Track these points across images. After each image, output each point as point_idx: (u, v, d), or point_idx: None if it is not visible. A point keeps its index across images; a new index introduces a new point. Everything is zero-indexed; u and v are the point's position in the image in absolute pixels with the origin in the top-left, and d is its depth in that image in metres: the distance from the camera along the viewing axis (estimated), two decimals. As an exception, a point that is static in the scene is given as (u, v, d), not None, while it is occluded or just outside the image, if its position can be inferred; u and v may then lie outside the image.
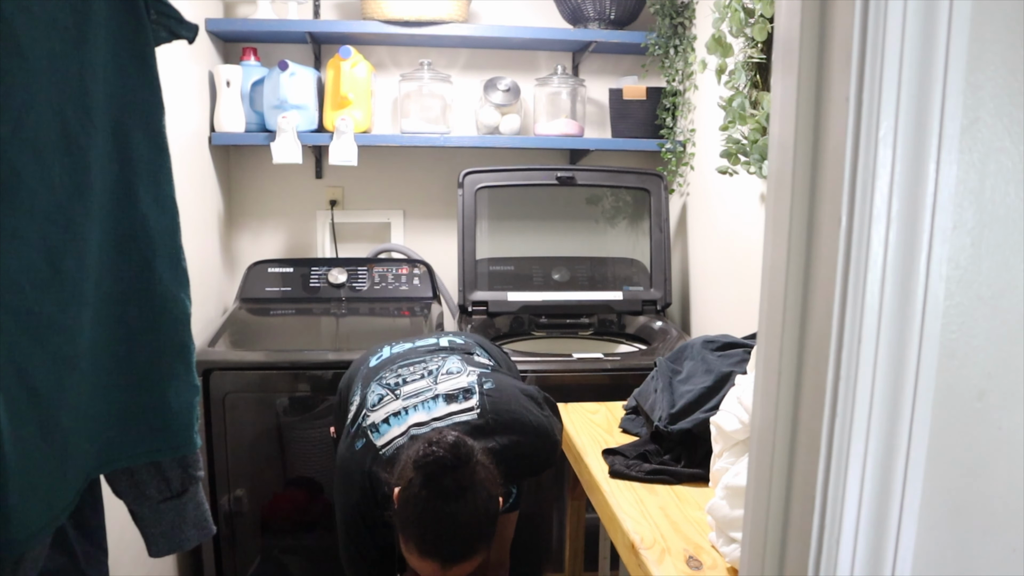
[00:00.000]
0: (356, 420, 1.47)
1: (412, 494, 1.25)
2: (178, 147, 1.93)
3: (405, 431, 1.39)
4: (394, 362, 1.56)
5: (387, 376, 1.52)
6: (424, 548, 1.25)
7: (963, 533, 0.65)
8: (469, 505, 1.25)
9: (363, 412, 1.46)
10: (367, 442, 1.41)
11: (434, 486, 1.24)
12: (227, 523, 2.04)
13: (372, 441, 1.41)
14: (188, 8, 1.51)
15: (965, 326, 0.62)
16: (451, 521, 1.24)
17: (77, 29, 0.89)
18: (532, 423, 1.46)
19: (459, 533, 1.25)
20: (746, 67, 1.81)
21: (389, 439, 1.40)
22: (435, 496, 1.24)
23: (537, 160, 2.67)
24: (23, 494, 0.83)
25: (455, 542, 1.25)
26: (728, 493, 1.11)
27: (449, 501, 1.24)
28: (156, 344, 1.03)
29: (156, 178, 1.02)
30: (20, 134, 0.82)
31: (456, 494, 1.24)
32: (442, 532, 1.24)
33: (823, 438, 0.61)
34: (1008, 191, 0.61)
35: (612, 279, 2.53)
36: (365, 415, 1.45)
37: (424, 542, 1.25)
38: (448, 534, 1.25)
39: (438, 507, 1.24)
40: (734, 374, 1.41)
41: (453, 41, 2.53)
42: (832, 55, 0.60)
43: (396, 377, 1.51)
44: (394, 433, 1.40)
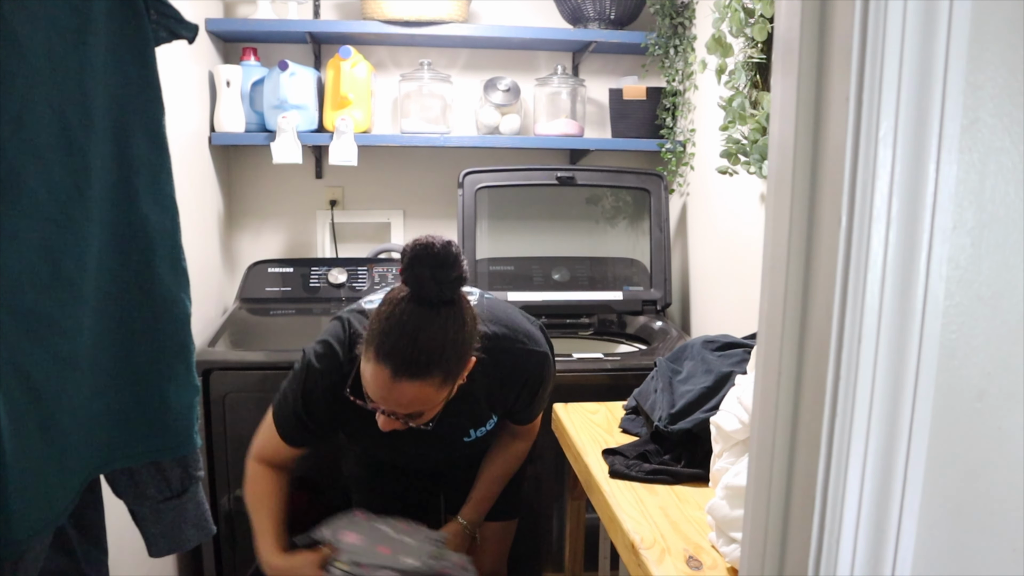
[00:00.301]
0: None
1: (391, 299, 1.25)
2: (178, 147, 1.93)
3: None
4: None
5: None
6: (381, 350, 1.22)
7: (963, 533, 0.65)
8: (439, 320, 1.23)
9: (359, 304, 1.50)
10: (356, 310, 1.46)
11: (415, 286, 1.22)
12: (227, 523, 2.04)
13: (360, 307, 1.46)
14: (188, 8, 1.51)
15: (965, 326, 0.62)
16: (415, 327, 1.22)
17: (77, 29, 0.89)
18: (524, 327, 1.48)
19: (419, 343, 1.21)
20: (746, 67, 1.81)
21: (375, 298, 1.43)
22: (410, 299, 1.23)
23: (537, 160, 2.67)
24: (23, 494, 0.83)
25: (412, 350, 1.21)
26: (728, 493, 1.11)
27: (422, 307, 1.22)
28: (156, 344, 1.03)
29: (156, 178, 1.02)
30: (20, 134, 0.82)
31: (433, 304, 1.23)
32: (404, 336, 1.21)
33: (823, 438, 0.61)
34: (1008, 191, 0.61)
35: (612, 279, 2.53)
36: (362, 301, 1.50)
37: (383, 344, 1.22)
38: (408, 340, 1.21)
39: (409, 309, 1.22)
40: (734, 374, 1.41)
41: (453, 41, 2.53)
42: (832, 55, 0.60)
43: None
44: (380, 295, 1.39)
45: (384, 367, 1.22)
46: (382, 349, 1.22)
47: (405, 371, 1.22)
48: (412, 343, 1.21)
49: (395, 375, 1.22)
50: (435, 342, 1.23)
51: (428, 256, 1.21)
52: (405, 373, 1.22)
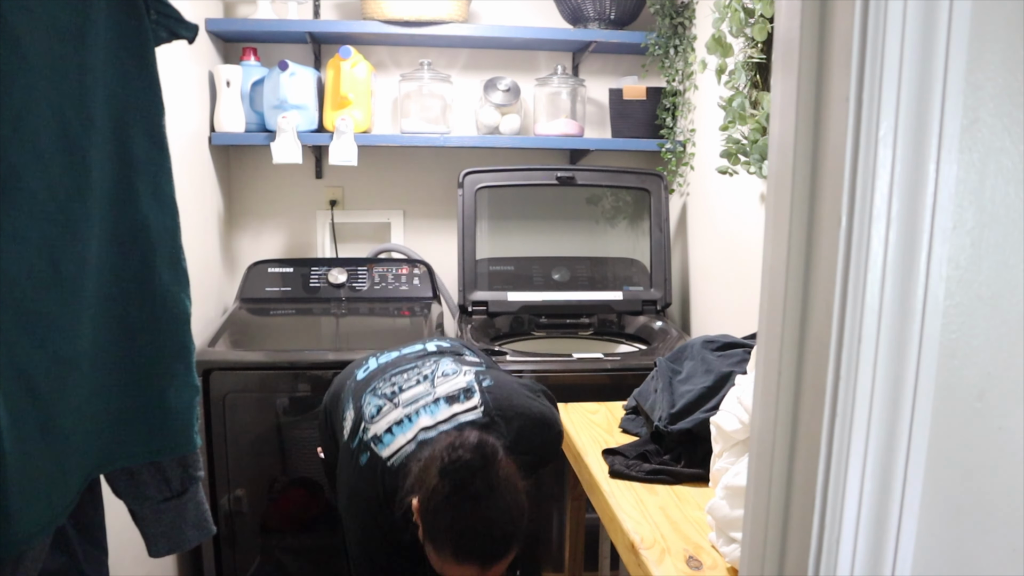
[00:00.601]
0: (356, 435, 1.42)
1: (440, 501, 1.22)
2: (178, 147, 1.93)
3: (412, 438, 1.36)
4: (385, 371, 1.52)
5: (381, 386, 1.48)
6: (461, 554, 1.22)
7: (963, 533, 0.65)
8: (500, 502, 1.23)
9: (362, 426, 1.42)
10: (372, 455, 1.37)
11: (464, 491, 1.21)
12: (227, 523, 2.04)
13: (377, 453, 1.37)
14: (188, 8, 1.51)
15: (965, 326, 0.62)
16: (486, 522, 1.22)
17: (77, 29, 0.89)
18: (535, 414, 1.45)
19: (494, 532, 1.23)
20: (746, 67, 1.81)
21: (395, 449, 1.36)
22: (466, 500, 1.22)
23: (537, 160, 2.67)
24: (23, 494, 0.83)
25: (492, 542, 1.23)
26: (728, 493, 1.11)
27: (480, 502, 1.22)
28: (156, 344, 1.03)
29: (156, 178, 1.02)
30: (20, 134, 0.82)
31: (486, 494, 1.22)
32: (478, 534, 1.22)
33: (823, 438, 0.61)
34: (1008, 191, 0.61)
35: (612, 279, 2.53)
36: (365, 428, 1.41)
37: (460, 548, 1.22)
38: (484, 535, 1.22)
39: (470, 510, 1.22)
40: (734, 374, 1.41)
41: (453, 41, 2.53)
42: (832, 55, 0.60)
43: (391, 386, 1.47)
44: (400, 442, 1.37)
45: (470, 566, 1.23)
46: (460, 553, 1.23)
47: (492, 560, 1.24)
48: (488, 536, 1.23)
49: (483, 568, 1.24)
50: (506, 523, 1.24)
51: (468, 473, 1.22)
52: (492, 561, 1.24)
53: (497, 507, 1.23)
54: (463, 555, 1.22)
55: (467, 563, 1.23)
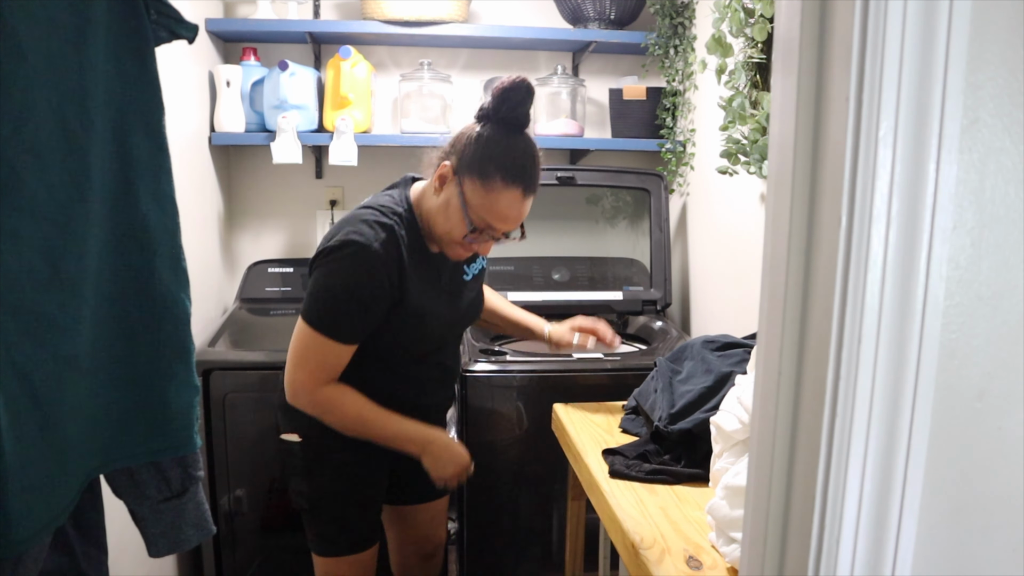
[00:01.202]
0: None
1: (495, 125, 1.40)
2: (178, 147, 1.93)
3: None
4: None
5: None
6: (512, 174, 1.38)
7: (963, 533, 0.65)
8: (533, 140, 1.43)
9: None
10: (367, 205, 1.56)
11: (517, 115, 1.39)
12: (227, 523, 2.04)
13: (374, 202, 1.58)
14: (188, 8, 1.51)
15: (965, 326, 0.62)
16: (527, 148, 1.40)
17: (77, 29, 0.89)
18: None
19: (537, 161, 1.42)
20: (746, 67, 1.81)
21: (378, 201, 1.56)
22: (518, 125, 1.40)
23: (537, 160, 2.67)
24: (23, 494, 0.83)
25: (534, 169, 1.41)
26: (728, 493, 1.11)
27: (524, 134, 1.41)
28: (156, 344, 1.02)
29: (156, 178, 1.02)
30: (20, 134, 0.82)
31: (525, 127, 1.42)
32: (526, 157, 1.40)
33: (823, 438, 0.61)
34: (1008, 191, 0.61)
35: (612, 279, 2.53)
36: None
37: (513, 167, 1.38)
38: (531, 160, 1.40)
39: (512, 135, 1.40)
40: (734, 374, 1.41)
41: (453, 41, 2.53)
42: (832, 55, 0.60)
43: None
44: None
45: (517, 187, 1.39)
46: (513, 172, 1.38)
47: (531, 187, 1.42)
48: (534, 162, 1.41)
49: (525, 193, 1.41)
50: (538, 160, 1.43)
51: (521, 88, 1.39)
52: (531, 189, 1.42)
53: (532, 142, 1.42)
54: (514, 175, 1.38)
55: (515, 184, 1.38)
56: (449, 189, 1.44)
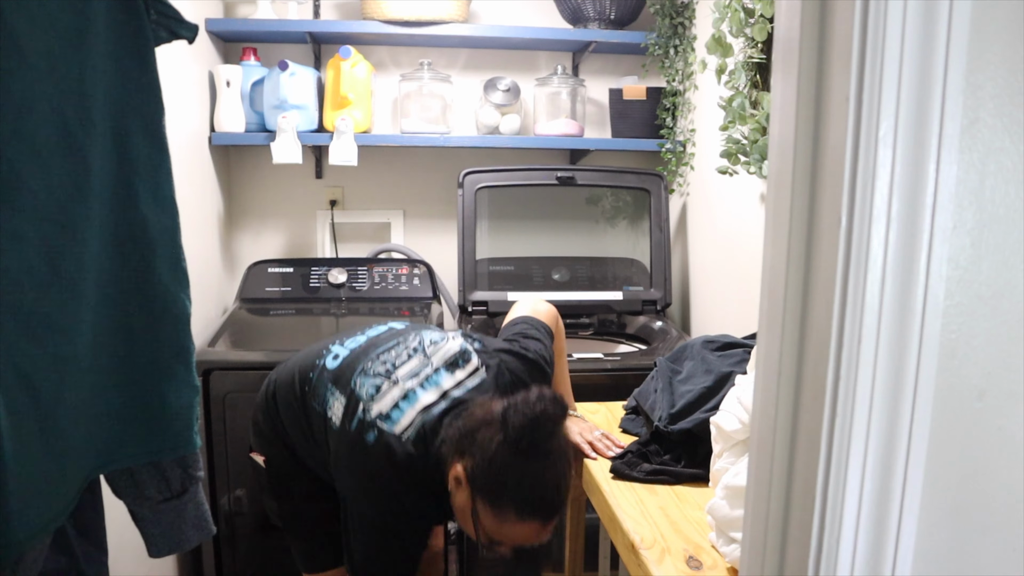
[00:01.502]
0: (353, 417, 1.38)
1: (508, 458, 1.23)
2: (178, 147, 1.93)
3: (420, 411, 1.35)
4: (366, 354, 1.47)
5: (371, 366, 1.42)
6: (525, 511, 1.24)
7: (963, 533, 0.65)
8: (564, 457, 1.28)
9: (361, 406, 1.37)
10: (381, 433, 1.33)
11: (537, 447, 1.23)
12: (227, 523, 2.04)
13: (387, 430, 1.33)
14: (188, 8, 1.51)
15: (965, 326, 0.62)
16: (554, 477, 1.25)
17: (77, 29, 0.89)
18: (532, 356, 1.49)
19: (561, 486, 1.27)
20: (746, 67, 1.81)
21: (406, 424, 1.34)
22: (538, 455, 1.24)
23: (537, 160, 2.67)
24: (23, 494, 0.83)
25: (558, 496, 1.26)
26: (728, 493, 1.11)
27: (550, 457, 1.25)
28: (156, 344, 1.02)
29: (156, 178, 1.02)
30: (20, 134, 0.82)
31: (556, 450, 1.26)
32: (547, 490, 1.25)
33: (823, 438, 0.61)
34: (1008, 191, 0.61)
35: (612, 279, 2.53)
36: (366, 408, 1.36)
37: (526, 505, 1.24)
38: (553, 490, 1.25)
39: (541, 466, 1.24)
40: (734, 374, 1.41)
41: (453, 41, 2.53)
42: (832, 55, 0.60)
43: (383, 364, 1.42)
44: (410, 416, 1.34)
45: (533, 522, 1.26)
46: (528, 508, 1.24)
47: (552, 516, 1.27)
48: (557, 491, 1.26)
49: (545, 523, 1.27)
50: (562, 484, 1.27)
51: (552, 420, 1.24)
52: (552, 518, 1.27)
53: (558, 462, 1.26)
54: (528, 512, 1.24)
55: (530, 520, 1.24)
56: (462, 493, 1.29)
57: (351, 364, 1.46)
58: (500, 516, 1.25)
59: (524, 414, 1.23)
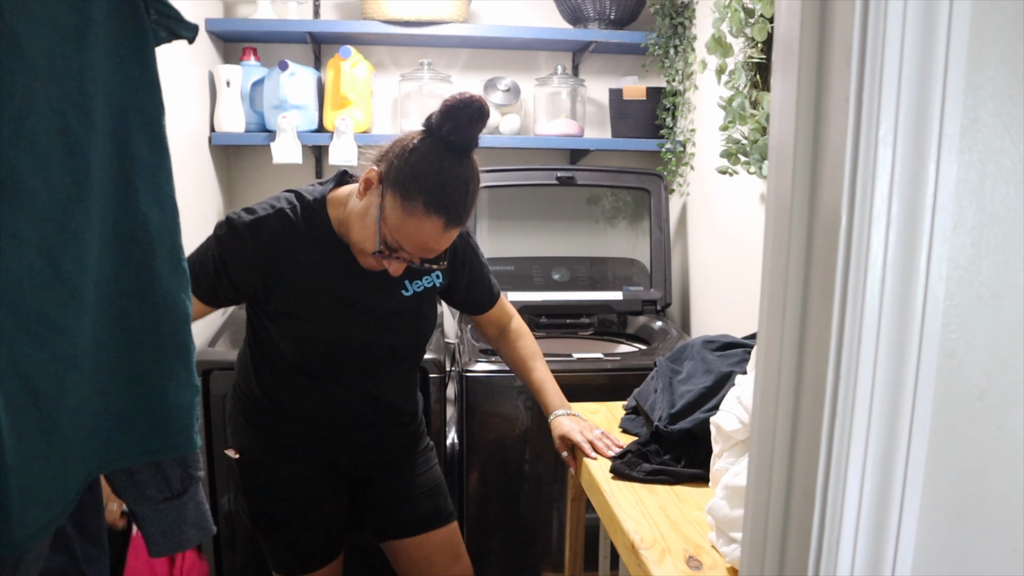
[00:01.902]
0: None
1: (429, 148, 1.26)
2: (178, 147, 1.93)
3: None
4: None
5: None
6: (437, 202, 1.25)
7: (963, 533, 0.65)
8: (471, 169, 1.29)
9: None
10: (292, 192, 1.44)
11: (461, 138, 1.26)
12: (227, 523, 2.04)
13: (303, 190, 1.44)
14: (188, 8, 1.51)
15: (965, 326, 0.62)
16: (461, 177, 1.27)
17: (77, 29, 0.89)
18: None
19: (468, 193, 1.28)
20: (746, 67, 1.81)
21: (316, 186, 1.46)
22: (460, 148, 1.27)
23: (537, 160, 2.67)
24: (23, 494, 0.83)
25: (462, 200, 1.27)
26: (728, 493, 1.11)
27: (464, 159, 1.28)
28: (156, 344, 1.02)
29: (156, 178, 1.02)
30: (20, 134, 0.82)
31: (469, 151, 1.28)
32: (455, 187, 1.26)
33: (823, 438, 0.61)
34: (1008, 191, 0.61)
35: (612, 279, 2.53)
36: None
37: (441, 194, 1.25)
38: (461, 191, 1.27)
39: (447, 159, 1.26)
40: (734, 374, 1.41)
41: (453, 41, 2.53)
42: (832, 55, 0.60)
43: None
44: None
45: (439, 218, 1.26)
46: (436, 200, 1.25)
47: (456, 220, 1.28)
48: (464, 193, 1.28)
49: (447, 225, 1.28)
50: (472, 191, 1.30)
51: (472, 108, 1.25)
52: (456, 222, 1.28)
53: (469, 170, 1.28)
54: (435, 206, 1.25)
55: (436, 215, 1.26)
56: (371, 197, 1.31)
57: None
58: (408, 208, 1.26)
59: (445, 105, 1.25)
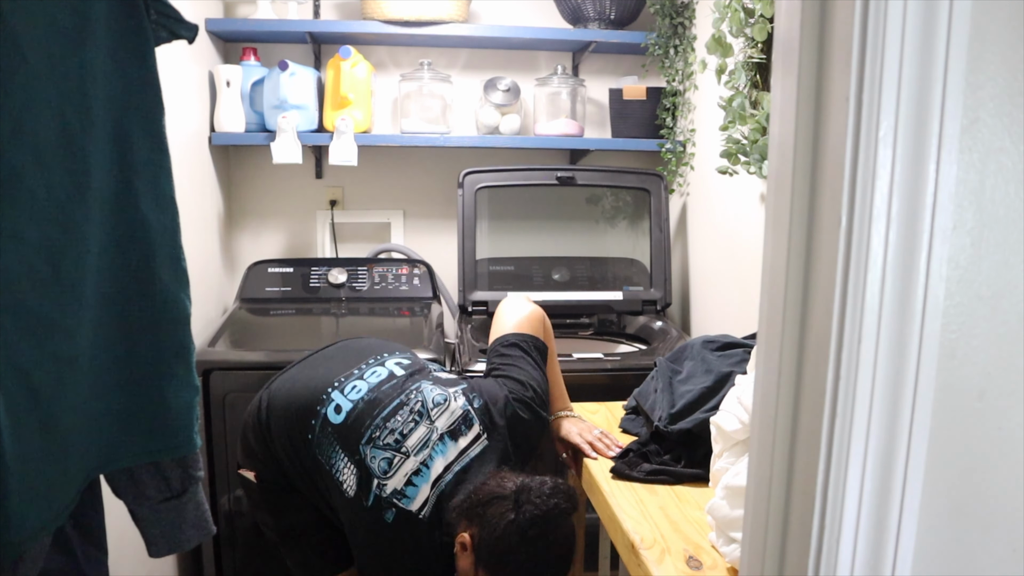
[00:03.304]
0: (368, 492, 1.39)
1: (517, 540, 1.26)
2: (178, 147, 1.93)
3: (434, 483, 1.39)
4: (371, 415, 1.46)
5: (380, 436, 1.43)
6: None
7: (963, 533, 0.65)
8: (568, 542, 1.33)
9: (375, 482, 1.39)
10: (399, 511, 1.37)
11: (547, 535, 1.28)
12: (227, 523, 2.04)
13: (405, 508, 1.37)
14: (188, 8, 1.51)
15: (965, 326, 0.62)
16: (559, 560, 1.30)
17: (77, 30, 0.89)
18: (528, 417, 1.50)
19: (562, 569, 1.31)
20: (746, 67, 1.81)
21: (422, 500, 1.38)
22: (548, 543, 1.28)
23: (537, 160, 2.67)
24: (23, 494, 0.83)
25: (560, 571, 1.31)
26: (728, 493, 1.11)
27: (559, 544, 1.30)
28: (156, 344, 1.02)
29: (156, 178, 1.02)
30: (20, 134, 0.82)
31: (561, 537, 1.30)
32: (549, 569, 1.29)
33: (823, 438, 0.61)
34: (1008, 191, 0.61)
35: (612, 279, 2.53)
36: (381, 485, 1.38)
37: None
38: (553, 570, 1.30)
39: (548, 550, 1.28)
40: (734, 374, 1.41)
41: (453, 41, 2.53)
42: (832, 55, 0.60)
43: (391, 434, 1.43)
44: (424, 492, 1.38)
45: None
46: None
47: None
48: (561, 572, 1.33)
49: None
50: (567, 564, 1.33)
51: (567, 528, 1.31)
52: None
53: (566, 547, 1.32)
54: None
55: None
56: (467, 560, 1.32)
57: (356, 425, 1.45)
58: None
59: (536, 505, 1.27)
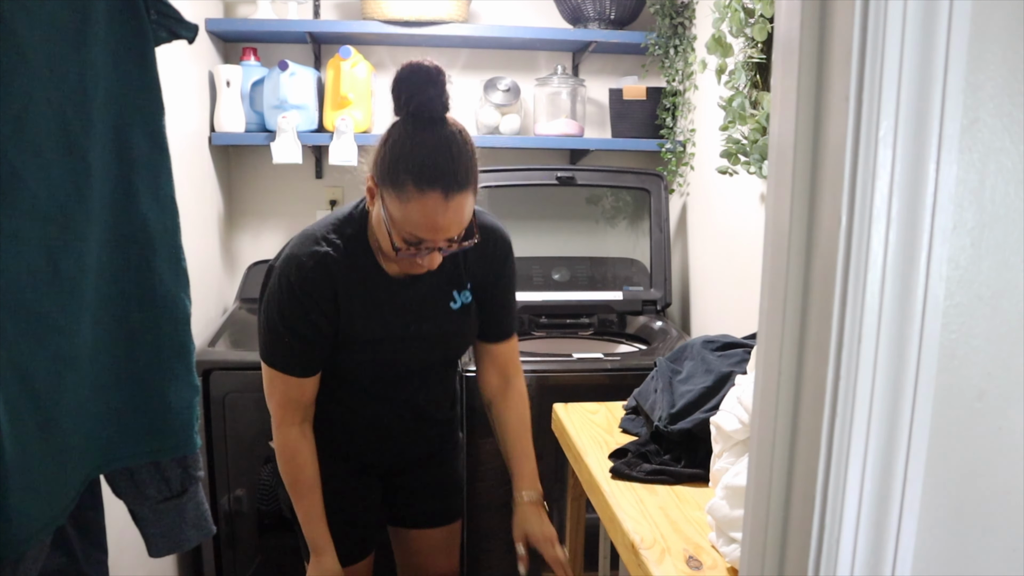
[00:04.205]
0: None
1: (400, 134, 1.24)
2: (178, 147, 1.93)
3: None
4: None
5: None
6: (424, 177, 1.21)
7: (963, 533, 0.65)
8: (450, 132, 1.26)
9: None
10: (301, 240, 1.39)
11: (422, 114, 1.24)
12: (227, 523, 2.04)
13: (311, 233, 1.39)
14: (188, 8, 1.51)
15: (965, 326, 0.62)
16: (444, 141, 1.24)
17: (77, 29, 0.89)
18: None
19: (453, 154, 1.23)
20: (746, 67, 1.81)
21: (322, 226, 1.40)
22: (425, 123, 1.24)
23: (537, 160, 2.67)
24: (23, 494, 0.83)
25: (452, 163, 1.23)
26: (728, 493, 1.11)
27: (437, 125, 1.25)
28: (156, 344, 1.03)
29: (156, 178, 1.02)
30: (20, 134, 0.82)
31: (442, 116, 1.26)
32: (438, 154, 1.22)
33: (823, 438, 0.61)
34: (1008, 191, 0.61)
35: (612, 279, 2.53)
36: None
37: (424, 170, 1.21)
38: (444, 155, 1.23)
39: (420, 132, 1.24)
40: (734, 374, 1.41)
41: (453, 41, 2.53)
42: (832, 55, 0.60)
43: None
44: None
45: (434, 191, 1.22)
46: (424, 175, 1.21)
47: (455, 186, 1.23)
48: (449, 157, 1.23)
49: (447, 194, 1.22)
50: (461, 151, 1.25)
51: (419, 72, 1.23)
52: (455, 187, 1.23)
53: (448, 134, 1.25)
54: (427, 179, 1.21)
55: (430, 188, 1.21)
56: (377, 203, 1.30)
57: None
58: (403, 197, 1.23)
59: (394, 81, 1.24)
